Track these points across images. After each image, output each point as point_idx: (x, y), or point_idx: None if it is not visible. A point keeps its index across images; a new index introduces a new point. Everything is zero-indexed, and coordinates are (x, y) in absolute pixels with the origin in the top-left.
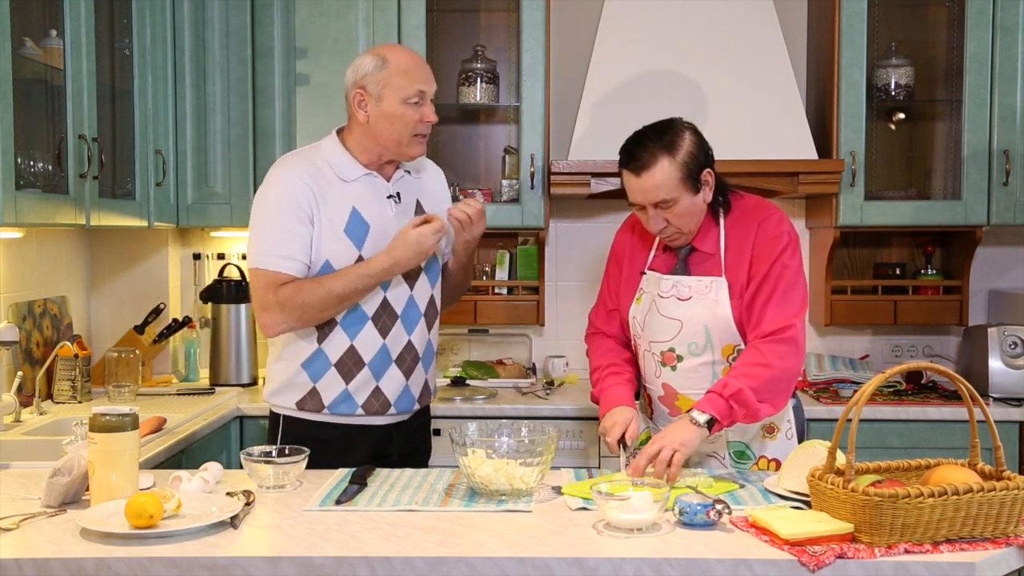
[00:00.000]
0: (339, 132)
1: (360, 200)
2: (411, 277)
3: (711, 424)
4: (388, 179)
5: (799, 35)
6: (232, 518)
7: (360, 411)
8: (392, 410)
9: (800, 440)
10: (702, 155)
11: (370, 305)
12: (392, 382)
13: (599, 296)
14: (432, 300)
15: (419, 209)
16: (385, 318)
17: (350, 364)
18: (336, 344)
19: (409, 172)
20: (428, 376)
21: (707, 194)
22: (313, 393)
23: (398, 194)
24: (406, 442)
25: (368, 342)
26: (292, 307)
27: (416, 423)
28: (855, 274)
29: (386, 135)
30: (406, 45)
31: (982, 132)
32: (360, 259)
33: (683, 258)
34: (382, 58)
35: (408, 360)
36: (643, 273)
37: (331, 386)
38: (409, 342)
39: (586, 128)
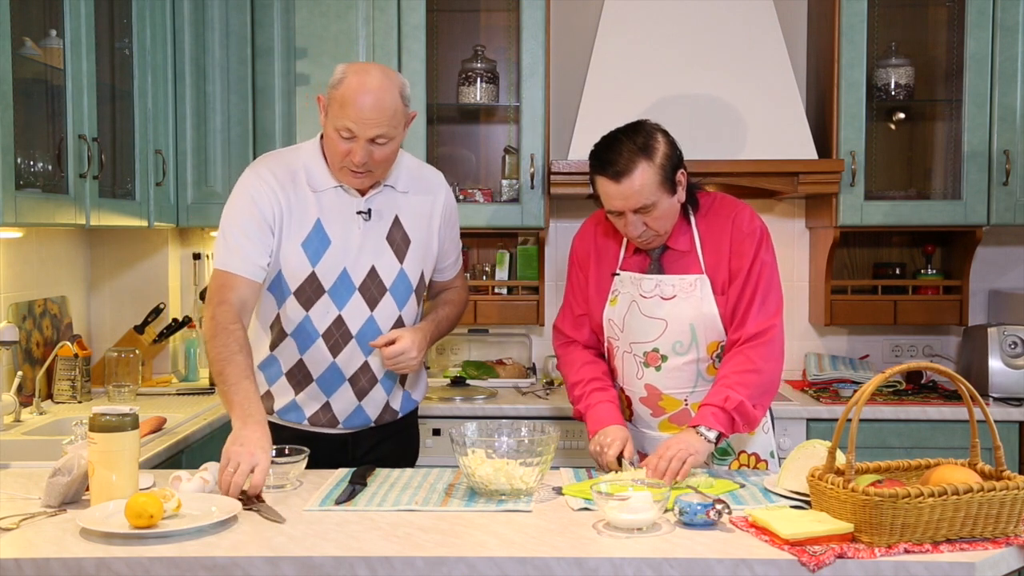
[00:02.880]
0: (323, 136)
1: (326, 213)
2: (372, 298)
3: (718, 438)
4: (363, 193)
5: (799, 35)
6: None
7: (306, 422)
8: (340, 426)
9: (774, 432)
10: (675, 156)
11: (322, 322)
12: (343, 400)
13: (564, 303)
14: (401, 322)
15: (397, 226)
16: (338, 337)
17: (299, 376)
18: (287, 355)
19: (392, 186)
20: (391, 397)
21: (681, 194)
22: (268, 395)
23: (369, 211)
24: (369, 451)
25: (317, 359)
26: (207, 333)
27: (380, 434)
28: (855, 274)
29: (327, 151)
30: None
31: (982, 132)
32: (313, 275)
33: (656, 257)
34: (343, 76)
35: (363, 381)
36: (615, 274)
37: (282, 393)
38: (366, 363)
39: (586, 128)
